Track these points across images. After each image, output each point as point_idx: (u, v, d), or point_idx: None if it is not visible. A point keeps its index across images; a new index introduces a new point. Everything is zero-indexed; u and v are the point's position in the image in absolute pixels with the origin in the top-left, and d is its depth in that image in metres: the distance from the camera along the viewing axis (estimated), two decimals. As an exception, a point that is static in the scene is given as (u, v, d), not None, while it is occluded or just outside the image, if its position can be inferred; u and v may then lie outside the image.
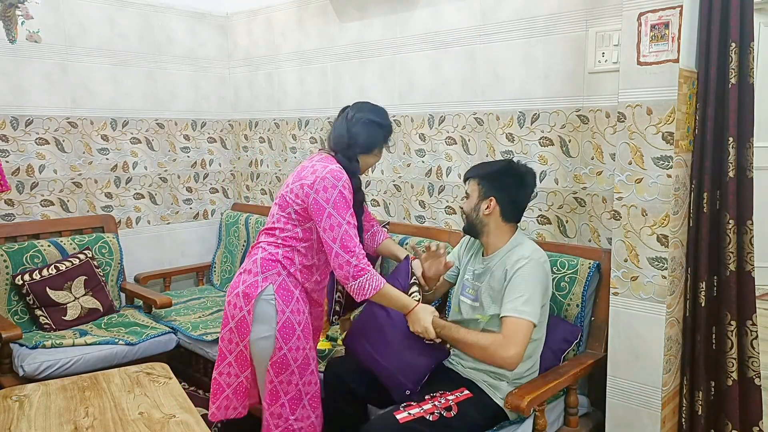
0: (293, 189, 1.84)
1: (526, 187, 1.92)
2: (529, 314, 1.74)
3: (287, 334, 1.82)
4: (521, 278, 1.78)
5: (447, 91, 2.58)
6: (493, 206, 1.87)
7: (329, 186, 1.76)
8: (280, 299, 1.82)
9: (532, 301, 1.76)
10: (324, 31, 3.05)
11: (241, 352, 1.87)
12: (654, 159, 1.71)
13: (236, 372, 1.90)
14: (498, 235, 1.90)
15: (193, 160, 3.53)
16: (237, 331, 1.84)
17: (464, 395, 1.80)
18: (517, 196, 1.90)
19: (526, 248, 1.86)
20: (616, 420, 1.89)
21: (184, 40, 3.40)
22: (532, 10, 2.27)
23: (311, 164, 1.86)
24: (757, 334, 1.79)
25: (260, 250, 1.88)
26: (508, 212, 1.89)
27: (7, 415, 1.70)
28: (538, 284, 1.79)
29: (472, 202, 1.92)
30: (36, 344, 2.46)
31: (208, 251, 3.63)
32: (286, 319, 1.82)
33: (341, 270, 1.76)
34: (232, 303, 1.86)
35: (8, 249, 2.72)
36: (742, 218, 1.75)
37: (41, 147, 2.93)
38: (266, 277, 1.83)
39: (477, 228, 1.93)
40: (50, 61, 2.92)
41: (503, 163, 2.00)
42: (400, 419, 1.68)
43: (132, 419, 1.67)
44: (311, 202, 1.78)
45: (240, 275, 1.89)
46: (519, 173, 1.91)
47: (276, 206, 1.90)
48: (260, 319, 1.81)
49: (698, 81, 1.72)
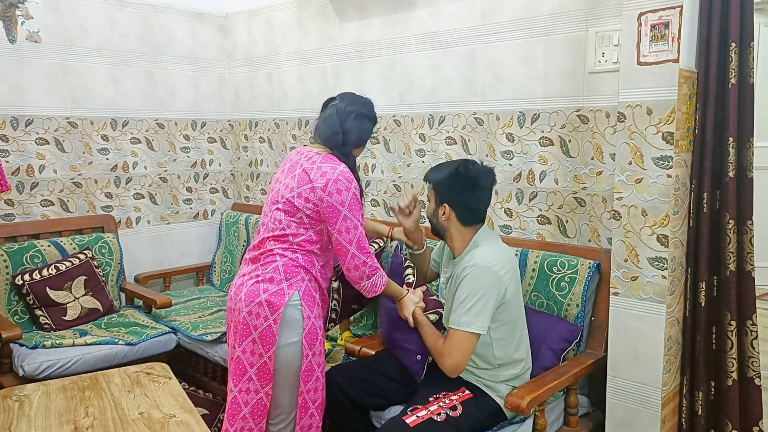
0: (302, 193, 1.77)
1: (481, 190, 1.85)
2: (467, 324, 1.73)
3: (312, 340, 1.78)
4: (465, 288, 1.76)
5: (447, 91, 2.58)
6: (448, 212, 1.85)
7: (342, 189, 1.75)
8: (306, 305, 1.77)
9: (474, 310, 1.73)
10: (324, 31, 3.05)
11: (264, 365, 1.76)
12: (654, 159, 1.71)
13: (256, 387, 1.78)
14: (460, 239, 1.88)
15: (193, 160, 3.53)
16: (261, 341, 1.75)
17: (466, 395, 1.82)
18: (470, 201, 1.85)
19: (477, 253, 1.80)
20: (616, 420, 1.89)
21: (184, 40, 3.40)
22: (532, 10, 2.27)
23: (315, 165, 1.79)
24: (757, 334, 1.79)
25: (278, 257, 1.79)
26: (465, 217, 1.86)
27: (7, 415, 1.70)
28: (484, 291, 1.74)
29: (430, 208, 1.91)
30: (36, 344, 2.46)
31: (208, 251, 3.63)
32: (311, 325, 1.78)
33: (356, 270, 1.78)
34: (253, 313, 1.75)
35: (8, 249, 2.72)
36: (742, 218, 1.75)
37: (41, 147, 2.93)
38: (291, 284, 1.77)
39: (440, 232, 1.92)
40: (50, 61, 2.92)
41: (454, 167, 1.87)
42: (409, 423, 1.69)
43: (132, 419, 1.67)
44: (325, 205, 1.75)
45: (258, 284, 1.78)
46: (470, 177, 1.83)
47: (280, 212, 1.80)
48: (288, 325, 1.75)
49: (698, 81, 1.72)
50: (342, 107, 1.88)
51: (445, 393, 1.82)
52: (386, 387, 1.98)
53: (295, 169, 1.83)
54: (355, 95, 1.97)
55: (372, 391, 1.96)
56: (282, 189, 1.83)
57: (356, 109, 1.89)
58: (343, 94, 1.96)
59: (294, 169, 1.83)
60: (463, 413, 1.75)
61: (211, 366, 2.83)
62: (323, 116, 1.92)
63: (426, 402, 1.78)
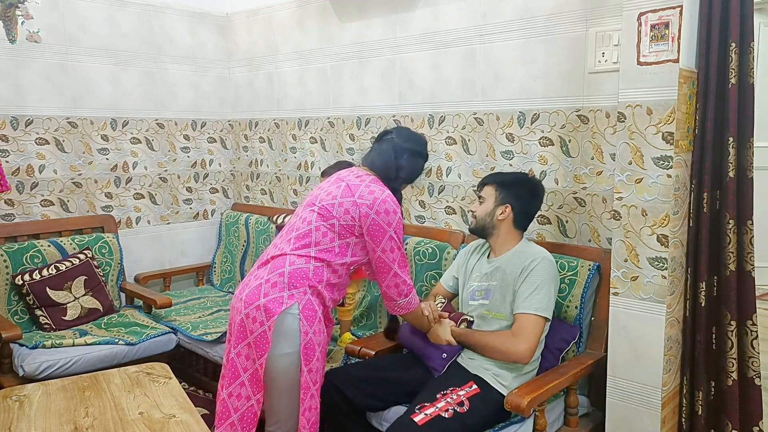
0: (343, 203, 1.78)
1: (538, 200, 2.06)
2: (541, 310, 1.86)
3: (309, 355, 1.74)
4: (536, 275, 1.89)
5: (447, 91, 2.58)
6: (508, 213, 1.99)
7: (391, 210, 1.79)
8: (304, 319, 1.73)
9: (544, 297, 1.87)
10: (324, 31, 3.05)
11: (256, 372, 1.73)
12: (654, 159, 1.71)
13: (248, 394, 1.74)
14: (507, 239, 2.02)
15: (193, 160, 3.53)
16: (255, 346, 1.72)
17: (473, 390, 1.84)
18: (530, 207, 2.04)
19: (538, 249, 1.98)
20: (616, 420, 1.89)
21: (184, 40, 3.40)
22: (532, 10, 2.27)
23: (364, 184, 1.81)
24: (757, 334, 1.79)
25: (287, 263, 1.76)
26: (520, 220, 2.02)
27: (7, 415, 1.70)
28: (552, 281, 1.91)
29: (487, 207, 2.02)
30: (36, 344, 2.46)
31: (208, 251, 3.63)
32: (309, 341, 1.74)
33: (397, 288, 1.84)
34: (251, 316, 1.72)
35: (8, 249, 2.72)
36: (742, 218, 1.75)
37: (41, 147, 2.93)
38: (292, 295, 1.73)
39: (487, 231, 2.04)
40: (50, 61, 2.92)
41: (520, 173, 2.19)
42: (418, 422, 1.70)
43: (132, 419, 1.67)
44: (370, 222, 1.76)
45: (260, 285, 1.76)
46: (533, 184, 2.06)
47: (315, 214, 1.80)
48: (283, 334, 1.71)
49: (698, 81, 1.72)
50: (399, 143, 1.92)
51: (453, 388, 1.84)
52: (386, 388, 1.98)
53: (341, 181, 1.85)
54: (411, 132, 2.01)
55: (371, 392, 1.96)
56: (322, 195, 1.85)
57: (412, 146, 1.93)
58: (399, 129, 2.00)
59: (340, 182, 1.85)
60: (470, 409, 1.77)
61: (211, 366, 2.83)
62: (378, 148, 1.95)
63: (433, 399, 1.79)
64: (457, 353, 1.99)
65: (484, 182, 2.08)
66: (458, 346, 1.99)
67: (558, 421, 1.96)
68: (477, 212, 2.05)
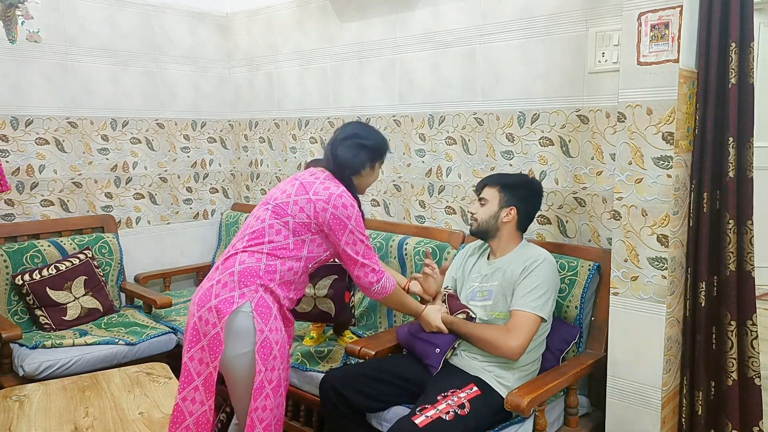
0: (298, 201, 1.78)
1: (540, 201, 2.08)
2: (537, 309, 1.86)
3: (265, 354, 1.69)
4: (536, 275, 1.89)
5: (447, 91, 2.58)
6: (513, 215, 2.00)
7: (347, 204, 1.80)
8: (258, 317, 1.69)
9: (542, 296, 1.87)
10: (324, 31, 3.05)
11: (210, 375, 1.68)
12: (654, 159, 1.71)
13: (202, 398, 1.69)
14: (509, 241, 2.03)
15: (193, 160, 3.53)
16: (209, 349, 1.68)
17: (474, 392, 1.83)
18: (532, 209, 2.06)
19: (539, 251, 1.99)
20: (616, 420, 1.89)
21: (184, 40, 3.40)
22: (532, 10, 2.27)
23: (318, 181, 1.83)
24: (757, 334, 1.79)
25: (237, 263, 1.76)
26: (523, 222, 2.04)
27: (7, 415, 1.70)
28: (551, 283, 1.91)
29: (491, 209, 2.01)
30: (36, 344, 2.46)
31: (208, 251, 3.63)
32: (265, 338, 1.69)
33: (366, 278, 1.85)
34: (204, 318, 1.69)
35: (8, 249, 2.72)
36: (742, 218, 1.75)
37: (41, 147, 2.93)
38: (243, 294, 1.71)
39: (490, 233, 2.03)
40: (50, 61, 2.91)
41: (522, 175, 2.19)
42: (419, 424, 1.69)
43: (132, 419, 1.67)
44: (329, 217, 1.77)
45: (212, 287, 1.73)
46: (537, 188, 2.07)
47: (269, 212, 1.80)
48: (236, 333, 1.68)
49: (698, 81, 1.72)
50: (336, 137, 1.94)
51: (453, 390, 1.83)
52: (385, 389, 1.97)
53: (295, 180, 1.87)
54: (356, 123, 2.02)
55: (370, 392, 1.96)
56: (277, 193, 1.85)
57: (350, 136, 1.91)
58: (345, 125, 1.99)
59: (294, 180, 1.87)
60: (471, 411, 1.76)
61: (211, 366, 2.82)
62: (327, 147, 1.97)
63: (434, 401, 1.78)
64: (449, 345, 1.98)
65: (485, 183, 2.06)
66: (451, 337, 1.98)
67: (558, 421, 1.96)
68: (478, 214, 2.03)
